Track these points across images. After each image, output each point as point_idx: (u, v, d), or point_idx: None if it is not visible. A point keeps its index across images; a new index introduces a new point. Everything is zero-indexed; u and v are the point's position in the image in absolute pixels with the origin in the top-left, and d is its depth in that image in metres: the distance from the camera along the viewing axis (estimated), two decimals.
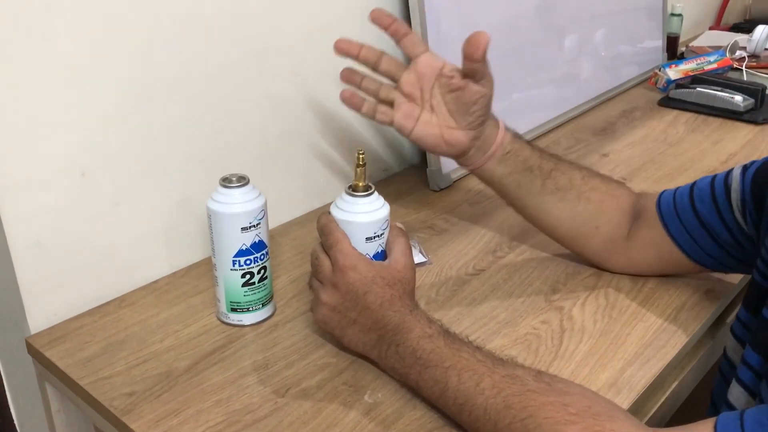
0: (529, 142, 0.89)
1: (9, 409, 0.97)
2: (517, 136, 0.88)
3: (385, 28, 0.84)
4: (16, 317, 0.82)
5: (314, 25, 1.03)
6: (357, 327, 0.73)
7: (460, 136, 0.84)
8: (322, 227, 0.76)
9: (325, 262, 0.75)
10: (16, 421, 0.98)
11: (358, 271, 0.72)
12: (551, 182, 0.87)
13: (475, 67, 0.81)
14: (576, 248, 0.93)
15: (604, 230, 0.89)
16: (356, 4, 1.07)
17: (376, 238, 0.76)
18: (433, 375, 0.67)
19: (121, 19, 0.81)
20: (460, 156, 0.87)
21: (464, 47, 0.80)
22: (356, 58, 0.86)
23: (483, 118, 0.84)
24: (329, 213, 0.77)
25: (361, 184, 0.76)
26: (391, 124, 0.86)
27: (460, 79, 0.83)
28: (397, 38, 0.85)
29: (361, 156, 0.75)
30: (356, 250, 0.74)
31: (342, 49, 0.85)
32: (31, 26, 0.74)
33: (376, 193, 0.76)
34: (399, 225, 0.80)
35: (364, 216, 0.75)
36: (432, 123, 0.85)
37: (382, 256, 0.77)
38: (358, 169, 0.75)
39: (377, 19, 0.84)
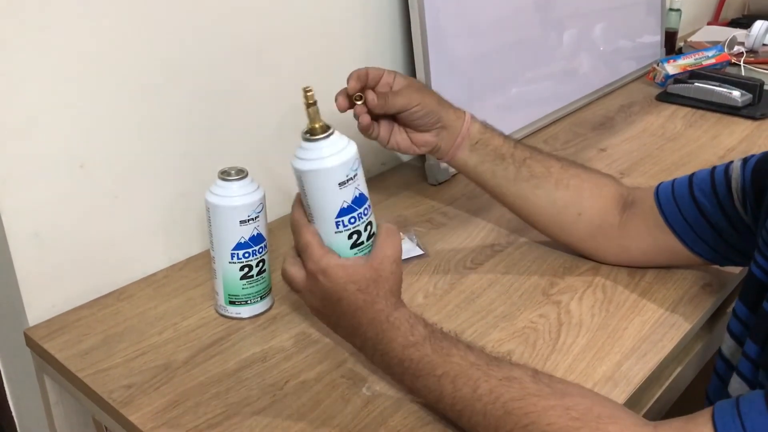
0: (502, 134, 0.91)
1: (7, 401, 0.97)
2: (487, 127, 0.90)
3: (363, 89, 0.85)
4: (14, 309, 0.82)
5: (313, 20, 1.03)
6: (341, 331, 0.70)
7: (426, 137, 0.88)
8: (292, 226, 0.70)
9: (295, 273, 0.69)
10: (14, 413, 0.98)
11: (328, 277, 0.66)
12: (526, 170, 0.88)
13: (383, 107, 0.85)
14: (561, 237, 0.93)
15: (587, 216, 0.89)
16: None
17: (350, 182, 0.66)
18: (425, 384, 0.65)
19: (120, 11, 0.81)
20: (433, 152, 0.90)
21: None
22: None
23: (435, 117, 0.87)
24: (295, 202, 0.70)
25: (317, 125, 0.66)
26: (376, 138, 0.90)
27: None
28: (373, 87, 0.87)
29: (308, 93, 0.66)
30: (327, 251, 0.67)
31: (341, 104, 0.86)
32: (30, 18, 0.74)
33: (336, 132, 0.67)
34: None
35: (331, 159, 0.65)
36: (400, 133, 0.89)
37: (362, 199, 0.67)
38: (310, 110, 0.66)
39: (353, 89, 0.85)
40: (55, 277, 0.83)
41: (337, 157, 0.65)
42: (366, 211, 0.68)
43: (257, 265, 0.81)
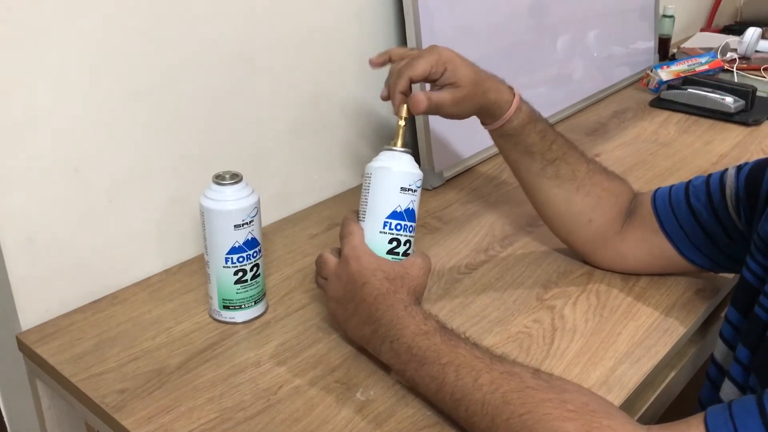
0: (543, 129, 0.89)
1: None
2: (528, 122, 0.88)
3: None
4: (6, 313, 0.82)
5: (309, 24, 1.03)
6: (355, 320, 0.74)
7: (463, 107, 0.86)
8: (343, 219, 0.78)
9: (329, 257, 0.77)
10: (5, 418, 0.97)
11: (360, 262, 0.73)
12: (552, 169, 0.89)
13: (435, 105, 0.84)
14: (565, 237, 0.94)
15: (596, 224, 0.90)
16: (352, 2, 1.07)
17: (410, 192, 0.76)
18: (429, 371, 0.67)
19: (115, 16, 0.80)
20: (473, 115, 0.89)
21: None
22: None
23: (470, 114, 0.87)
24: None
25: (400, 143, 0.78)
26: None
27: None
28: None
29: (403, 117, 0.79)
30: (366, 245, 0.75)
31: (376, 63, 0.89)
32: (24, 21, 0.73)
33: (411, 157, 0.78)
34: None
35: (402, 167, 0.76)
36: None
37: (413, 215, 0.78)
38: (402, 128, 0.79)
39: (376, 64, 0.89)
40: (48, 282, 0.83)
41: (406, 167, 0.76)
42: (412, 228, 0.78)
43: (251, 270, 0.81)
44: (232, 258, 0.79)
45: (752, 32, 1.78)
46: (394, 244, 0.76)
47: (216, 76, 0.93)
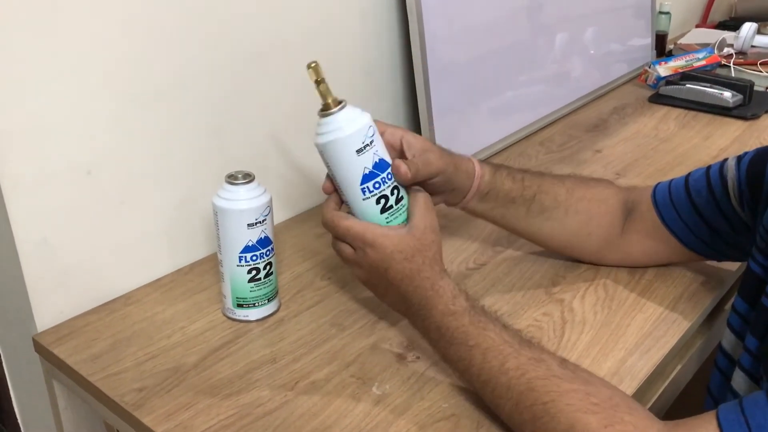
0: (510, 170, 0.87)
1: (13, 408, 0.97)
2: (496, 172, 0.85)
3: None
4: (22, 316, 0.83)
5: (313, 24, 1.04)
6: (388, 299, 0.76)
7: (434, 199, 0.81)
8: (326, 225, 0.75)
9: (344, 247, 0.75)
10: (20, 421, 0.98)
11: (376, 248, 0.72)
12: (536, 206, 0.87)
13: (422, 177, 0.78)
14: (571, 255, 0.95)
15: (596, 234, 0.90)
16: (355, 2, 1.08)
17: (367, 148, 0.71)
18: (457, 352, 0.68)
19: (124, 19, 0.81)
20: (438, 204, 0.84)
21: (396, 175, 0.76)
22: None
23: (448, 185, 0.81)
24: (325, 179, 0.76)
25: (330, 100, 0.71)
26: None
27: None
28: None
29: (316, 70, 0.71)
30: (368, 224, 0.72)
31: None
32: (37, 25, 0.74)
33: (349, 105, 0.72)
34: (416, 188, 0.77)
35: (345, 129, 0.70)
36: None
37: (383, 165, 0.72)
38: (320, 87, 0.72)
39: None
40: (63, 283, 0.84)
41: (351, 126, 0.70)
42: (389, 176, 0.73)
43: (264, 268, 0.82)
44: (245, 257, 0.80)
45: (748, 27, 1.79)
46: (383, 202, 0.73)
47: (224, 78, 0.94)
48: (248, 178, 0.79)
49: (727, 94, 1.48)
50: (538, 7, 1.39)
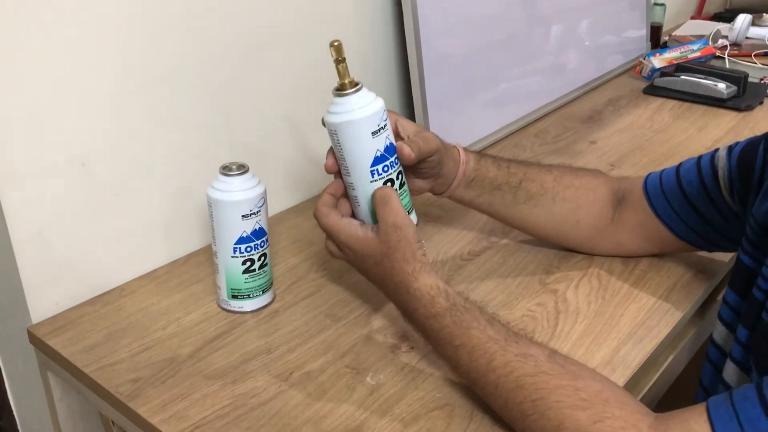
0: (495, 158, 0.88)
1: (8, 400, 0.97)
2: (480, 159, 0.86)
3: None
4: (17, 308, 0.83)
5: (308, 16, 1.04)
6: (381, 292, 0.76)
7: (420, 184, 0.83)
8: (315, 217, 0.76)
9: (332, 247, 0.77)
10: (15, 412, 0.98)
11: (352, 249, 0.73)
12: (522, 192, 0.87)
13: (421, 155, 0.78)
14: (560, 243, 0.95)
15: (585, 222, 0.90)
16: None
17: (381, 131, 0.72)
18: (444, 352, 0.69)
19: (119, 10, 0.81)
20: (426, 191, 0.86)
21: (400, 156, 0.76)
22: None
23: (439, 166, 0.82)
24: (329, 152, 0.75)
25: (347, 81, 0.72)
26: None
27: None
28: None
29: (338, 49, 0.71)
30: (345, 224, 0.73)
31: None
32: (32, 16, 0.74)
33: (365, 87, 0.72)
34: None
35: (364, 110, 0.71)
36: None
37: (392, 149, 0.73)
38: (340, 66, 0.72)
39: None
40: (58, 275, 0.84)
41: (369, 108, 0.71)
42: (397, 161, 0.74)
43: (259, 259, 0.82)
44: (240, 248, 0.80)
45: (743, 19, 1.79)
46: (389, 185, 0.74)
47: (218, 70, 0.94)
48: (242, 169, 0.79)
49: (722, 86, 1.48)
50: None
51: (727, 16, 2.09)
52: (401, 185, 0.76)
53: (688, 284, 0.90)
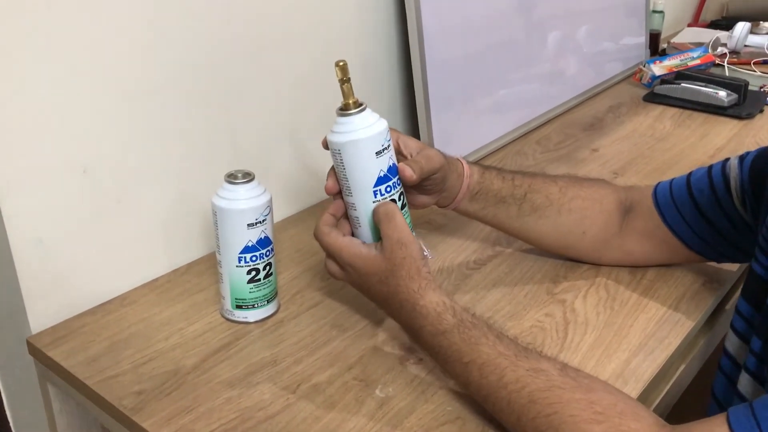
0: (500, 171, 0.87)
1: (5, 412, 0.95)
2: (485, 172, 0.86)
3: None
4: (16, 317, 0.81)
5: (311, 22, 1.03)
6: (385, 312, 0.75)
7: (424, 200, 0.83)
8: (316, 237, 0.75)
9: (333, 267, 0.75)
10: (12, 425, 0.96)
11: (355, 269, 0.73)
12: (527, 204, 0.86)
13: (424, 174, 0.77)
14: (566, 254, 0.94)
15: (591, 233, 0.89)
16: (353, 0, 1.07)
17: (385, 151, 0.71)
18: (453, 369, 0.68)
19: (121, 16, 0.80)
20: (430, 206, 0.85)
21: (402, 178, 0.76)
22: None
23: (441, 185, 0.81)
24: (327, 180, 0.75)
25: (351, 101, 0.71)
26: None
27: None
28: None
29: (344, 69, 0.71)
30: (347, 243, 0.73)
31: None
32: (33, 24, 0.73)
33: (368, 108, 0.72)
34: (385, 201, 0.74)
35: (368, 130, 0.70)
36: None
37: (395, 169, 0.73)
38: (344, 86, 0.71)
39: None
40: (58, 284, 0.82)
41: (373, 128, 0.71)
42: (399, 181, 0.74)
43: (264, 269, 0.80)
44: (245, 257, 0.79)
45: (741, 27, 1.80)
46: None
47: (221, 76, 0.93)
48: (248, 177, 0.78)
49: (722, 94, 1.48)
50: (535, 5, 1.39)
51: (724, 23, 2.10)
52: (403, 206, 0.75)
53: (697, 294, 0.89)
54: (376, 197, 0.72)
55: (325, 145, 0.75)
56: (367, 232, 0.74)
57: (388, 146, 0.72)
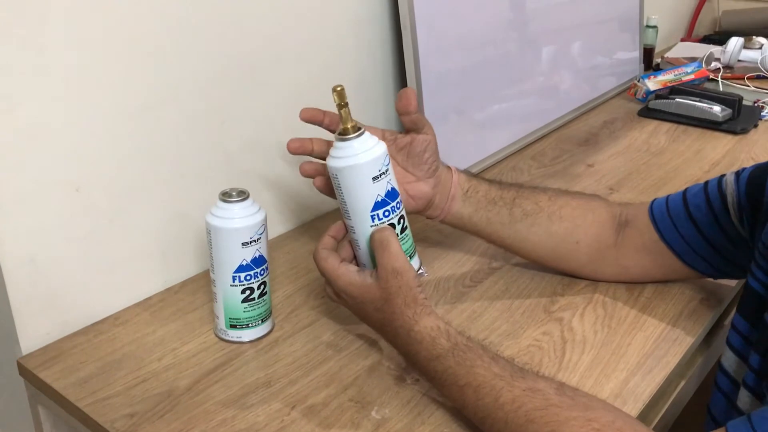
0: (485, 178, 0.89)
1: None
2: (470, 174, 0.88)
3: (320, 123, 0.81)
4: (7, 337, 0.80)
5: (308, 37, 1.02)
6: (382, 336, 0.76)
7: (422, 187, 0.82)
8: (316, 264, 0.75)
9: (330, 292, 0.76)
10: None
11: (349, 295, 0.73)
12: (518, 209, 0.86)
13: (413, 119, 0.80)
14: (561, 267, 0.93)
15: (584, 243, 0.89)
16: (348, 14, 1.07)
17: (383, 176, 0.71)
18: (449, 393, 0.67)
19: (116, 33, 0.79)
20: (427, 208, 0.85)
21: (397, 105, 0.79)
22: (321, 124, 0.82)
23: (436, 162, 0.83)
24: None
25: (350, 125, 0.71)
26: None
27: (405, 135, 0.82)
28: (333, 129, 0.80)
29: (341, 94, 0.70)
30: (343, 270, 0.72)
31: (296, 146, 0.81)
32: (26, 39, 0.72)
33: (367, 132, 0.72)
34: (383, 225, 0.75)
35: (365, 155, 0.70)
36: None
37: (394, 193, 0.73)
38: (342, 111, 0.71)
39: (310, 118, 0.81)
40: (50, 304, 0.81)
41: (370, 153, 0.70)
42: (399, 205, 0.74)
43: (259, 287, 0.80)
44: (239, 276, 0.78)
45: (735, 42, 1.80)
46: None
47: (216, 92, 0.92)
48: (243, 195, 0.77)
49: (717, 109, 1.48)
50: (530, 20, 1.39)
51: (717, 38, 2.11)
52: (402, 230, 0.75)
53: (695, 311, 0.88)
54: (373, 221, 0.72)
55: (292, 150, 0.79)
56: (366, 255, 0.74)
57: (387, 170, 0.72)
